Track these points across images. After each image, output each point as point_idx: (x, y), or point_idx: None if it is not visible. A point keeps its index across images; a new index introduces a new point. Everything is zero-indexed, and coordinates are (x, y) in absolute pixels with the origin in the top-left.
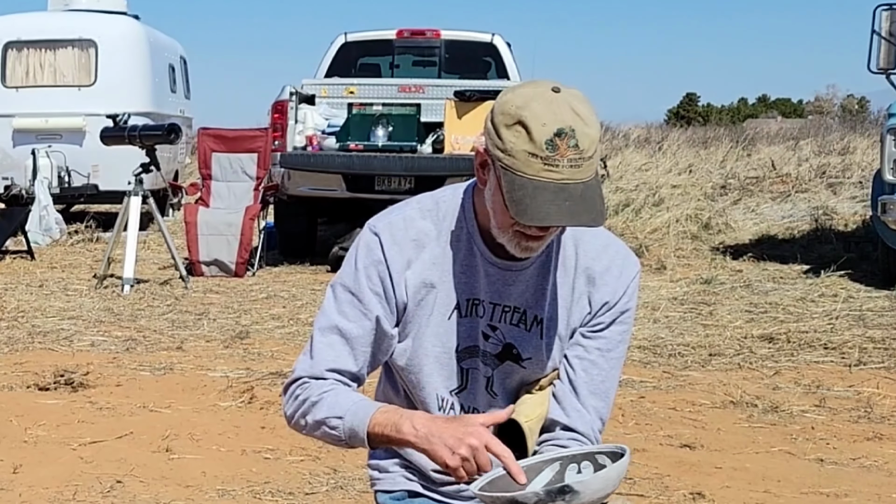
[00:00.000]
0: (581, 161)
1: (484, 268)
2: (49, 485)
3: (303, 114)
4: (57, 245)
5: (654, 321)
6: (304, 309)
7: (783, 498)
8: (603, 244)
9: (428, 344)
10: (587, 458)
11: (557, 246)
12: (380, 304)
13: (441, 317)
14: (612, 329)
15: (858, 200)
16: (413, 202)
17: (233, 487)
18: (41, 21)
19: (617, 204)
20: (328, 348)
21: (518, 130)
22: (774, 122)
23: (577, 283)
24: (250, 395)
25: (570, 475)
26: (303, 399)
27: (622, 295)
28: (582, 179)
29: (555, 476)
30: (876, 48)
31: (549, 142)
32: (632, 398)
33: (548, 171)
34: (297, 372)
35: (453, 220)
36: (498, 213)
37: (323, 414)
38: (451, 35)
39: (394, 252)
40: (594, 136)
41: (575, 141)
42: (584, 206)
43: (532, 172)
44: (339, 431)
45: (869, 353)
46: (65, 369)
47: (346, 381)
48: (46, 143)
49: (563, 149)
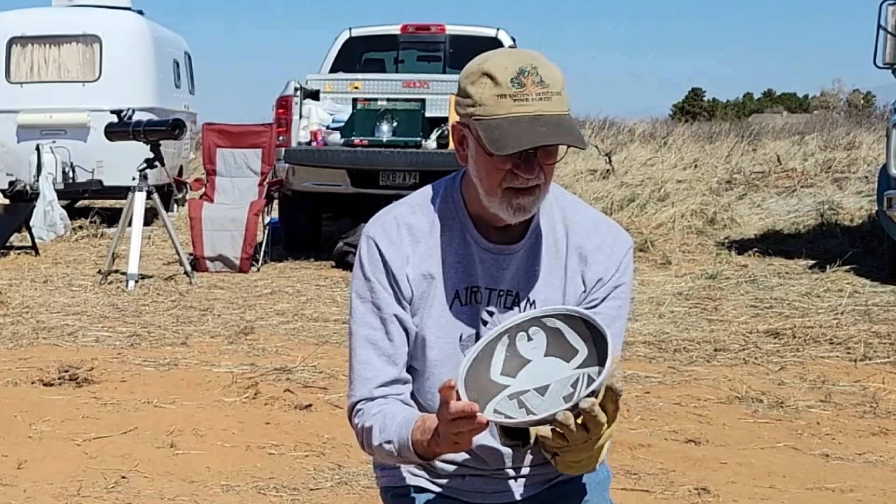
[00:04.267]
0: (550, 94)
1: (478, 254)
2: (53, 480)
3: (307, 109)
4: (61, 241)
5: (660, 316)
6: (309, 304)
7: (788, 493)
8: (593, 223)
9: (431, 335)
10: (533, 324)
11: (548, 228)
12: (396, 303)
13: (441, 307)
14: (607, 304)
15: (864, 195)
16: (403, 200)
17: (237, 483)
18: (45, 16)
19: (622, 199)
20: (365, 366)
21: (483, 81)
22: (780, 116)
23: (570, 262)
24: (255, 390)
25: (522, 344)
26: (360, 427)
27: (615, 271)
28: (554, 111)
29: (508, 350)
30: (882, 43)
31: (514, 80)
32: (637, 393)
33: (519, 105)
34: (350, 400)
35: (444, 210)
36: (484, 178)
37: (377, 440)
38: (456, 30)
39: (391, 251)
40: (558, 75)
41: (539, 77)
42: (562, 130)
43: (504, 111)
44: (400, 454)
45: (874, 347)
46: (69, 365)
47: (396, 389)
48: (51, 138)
49: (529, 85)
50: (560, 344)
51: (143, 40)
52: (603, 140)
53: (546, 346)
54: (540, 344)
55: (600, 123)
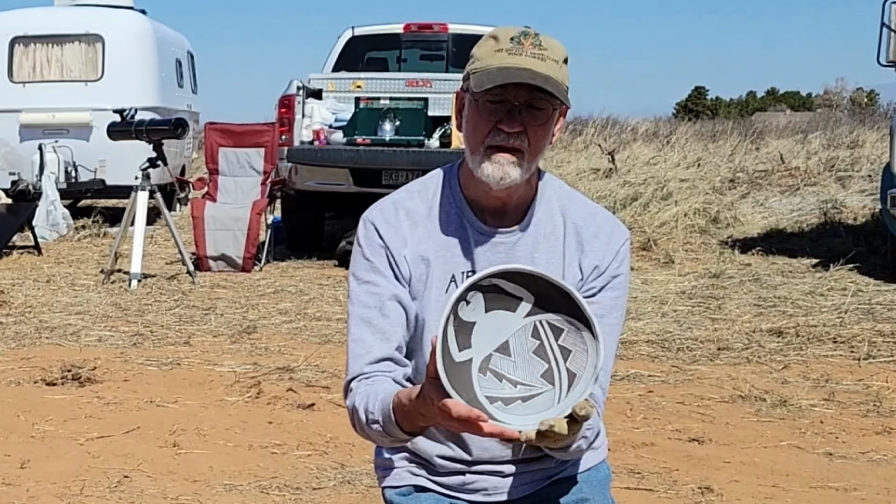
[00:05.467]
0: (544, 55)
1: (475, 238)
2: (56, 480)
3: (310, 108)
4: (64, 240)
5: (663, 315)
6: (312, 303)
7: (792, 492)
8: (591, 212)
9: (430, 319)
10: (469, 290)
11: (547, 216)
12: (395, 280)
13: (438, 291)
14: (605, 294)
15: (867, 194)
16: (402, 188)
17: (240, 482)
18: (48, 16)
19: (625, 198)
20: (359, 344)
21: (488, 41)
22: (783, 115)
23: (568, 250)
24: (257, 389)
25: (463, 312)
26: (351, 408)
27: (612, 260)
28: (545, 71)
29: (455, 324)
30: (885, 41)
31: (514, 38)
32: (640, 392)
33: (512, 57)
34: (345, 379)
35: (442, 196)
36: (471, 135)
37: (364, 419)
38: (459, 29)
39: (390, 233)
40: (559, 47)
41: (539, 41)
42: (546, 81)
43: (496, 62)
44: (387, 431)
45: (878, 346)
46: (72, 364)
47: (388, 366)
48: (53, 138)
49: (527, 45)
50: (498, 297)
51: (146, 40)
52: (606, 139)
53: (484, 302)
54: (478, 303)
55: (603, 122)
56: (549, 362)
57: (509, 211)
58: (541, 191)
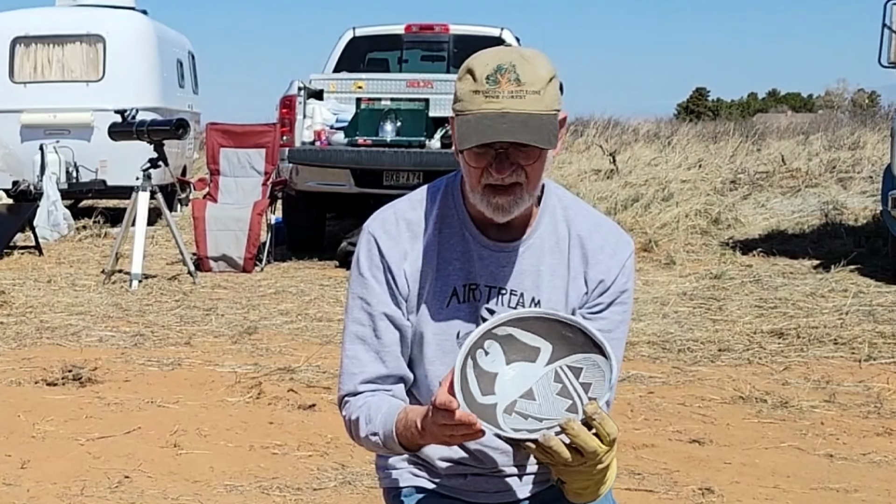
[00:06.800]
0: (523, 93)
1: (477, 251)
2: (57, 480)
3: (311, 109)
4: (65, 240)
5: (664, 316)
6: (313, 304)
7: (792, 493)
8: (595, 223)
9: (429, 332)
10: (486, 338)
11: (551, 228)
12: (390, 300)
13: (440, 304)
14: (612, 310)
15: (869, 195)
16: (404, 197)
17: (241, 483)
18: (49, 16)
19: (626, 199)
20: (353, 362)
21: (466, 77)
22: (784, 116)
23: (573, 262)
24: (258, 390)
25: (482, 360)
26: (347, 419)
27: (617, 275)
28: (524, 110)
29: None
30: (887, 42)
31: (490, 77)
32: (641, 393)
33: (489, 102)
34: (339, 393)
35: (444, 208)
36: (466, 174)
37: (363, 432)
38: (460, 30)
39: (390, 246)
40: (539, 72)
41: (516, 75)
42: (525, 128)
43: (475, 108)
44: (386, 445)
45: (879, 348)
46: (73, 364)
47: (383, 385)
48: (54, 138)
49: (503, 83)
50: (517, 348)
51: (147, 40)
52: (607, 140)
53: (503, 354)
54: (497, 354)
55: (604, 123)
56: (573, 398)
57: (512, 224)
58: (544, 201)
